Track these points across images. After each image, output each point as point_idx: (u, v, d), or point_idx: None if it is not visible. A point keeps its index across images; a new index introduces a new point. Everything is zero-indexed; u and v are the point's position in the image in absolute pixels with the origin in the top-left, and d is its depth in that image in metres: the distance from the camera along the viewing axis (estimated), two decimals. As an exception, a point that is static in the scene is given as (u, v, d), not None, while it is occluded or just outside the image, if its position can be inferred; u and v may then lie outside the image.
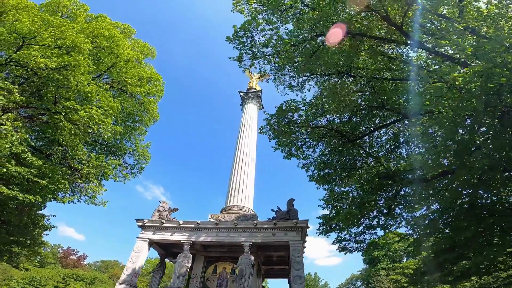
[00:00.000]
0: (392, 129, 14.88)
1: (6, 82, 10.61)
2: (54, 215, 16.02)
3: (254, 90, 32.77)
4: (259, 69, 12.82)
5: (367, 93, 14.29)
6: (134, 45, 20.22)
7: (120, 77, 18.48)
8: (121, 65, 16.73)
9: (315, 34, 10.58)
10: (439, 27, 11.93)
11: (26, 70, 11.91)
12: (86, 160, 16.22)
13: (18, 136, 10.29)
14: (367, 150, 15.87)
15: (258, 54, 11.69)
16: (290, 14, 10.48)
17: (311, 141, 13.71)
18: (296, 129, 13.00)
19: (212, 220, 19.94)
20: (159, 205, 20.16)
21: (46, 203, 14.64)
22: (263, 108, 34.47)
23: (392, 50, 12.80)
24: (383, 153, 16.32)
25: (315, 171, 14.56)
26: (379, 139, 16.27)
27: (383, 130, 15.00)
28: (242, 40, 11.51)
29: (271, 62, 11.74)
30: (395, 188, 12.30)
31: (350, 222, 12.64)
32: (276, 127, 12.71)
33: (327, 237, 15.76)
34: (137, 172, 21.41)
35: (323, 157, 14.68)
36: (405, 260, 50.26)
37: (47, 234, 15.86)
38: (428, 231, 13.40)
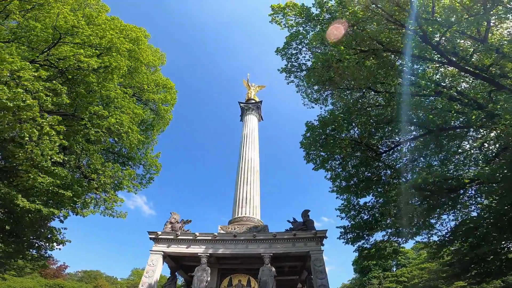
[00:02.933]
0: (414, 143, 15.43)
1: (54, 82, 9.84)
2: (65, 228, 15.05)
3: (254, 101, 32.88)
4: (298, 82, 13.01)
5: (390, 108, 14.80)
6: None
7: (133, 83, 17.88)
8: (141, 70, 16.20)
9: (359, 49, 10.93)
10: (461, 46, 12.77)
11: (57, 70, 11.11)
12: (101, 170, 15.46)
13: (58, 144, 9.58)
14: (386, 162, 16.40)
15: (303, 67, 11.88)
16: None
17: (339, 154, 13.95)
18: (330, 142, 13.18)
19: (222, 231, 19.61)
20: (170, 217, 19.55)
21: (68, 217, 13.72)
22: (262, 119, 34.49)
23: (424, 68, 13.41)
24: (399, 165, 16.90)
25: (342, 182, 14.80)
26: (397, 152, 16.82)
27: (405, 143, 15.53)
28: (288, 51, 11.65)
29: (320, 75, 11.85)
30: (431, 198, 12.70)
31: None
32: (310, 141, 12.88)
33: (353, 245, 16.04)
34: (146, 182, 20.64)
35: (349, 169, 14.99)
36: (394, 269, 51.48)
37: (60, 249, 14.77)
38: (452, 237, 13.98)
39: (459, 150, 16.01)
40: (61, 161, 10.27)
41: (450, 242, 14.14)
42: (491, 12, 10.73)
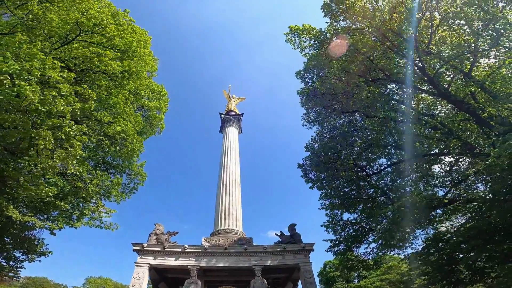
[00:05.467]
0: (399, 165, 16.94)
1: (84, 86, 9.08)
2: (43, 238, 13.68)
3: (234, 113, 33.07)
4: (311, 102, 13.80)
5: (379, 132, 16.16)
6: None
7: (127, 88, 17.16)
8: (142, 75, 15.56)
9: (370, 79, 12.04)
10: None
11: (69, 70, 10.23)
12: (88, 178, 14.50)
13: (78, 156, 8.83)
14: (371, 182, 17.79)
15: (317, 91, 12.65)
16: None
17: (343, 176, 14.87)
18: (338, 165, 14.02)
19: (207, 243, 19.39)
20: (154, 228, 18.84)
21: (62, 228, 12.48)
22: (242, 132, 34.63)
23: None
24: (381, 185, 18.40)
25: (334, 200, 15.77)
26: (381, 173, 18.28)
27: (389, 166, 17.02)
28: (306, 76, 12.34)
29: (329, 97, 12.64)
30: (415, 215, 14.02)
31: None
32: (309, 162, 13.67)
33: (343, 256, 17.10)
34: (129, 192, 19.63)
35: (340, 188, 16.02)
36: (356, 280, 53.93)
37: (40, 261, 13.37)
38: (427, 249, 15.57)
39: (429, 173, 17.96)
40: (77, 173, 9.55)
41: (426, 253, 15.67)
42: (477, 45, 12.25)
